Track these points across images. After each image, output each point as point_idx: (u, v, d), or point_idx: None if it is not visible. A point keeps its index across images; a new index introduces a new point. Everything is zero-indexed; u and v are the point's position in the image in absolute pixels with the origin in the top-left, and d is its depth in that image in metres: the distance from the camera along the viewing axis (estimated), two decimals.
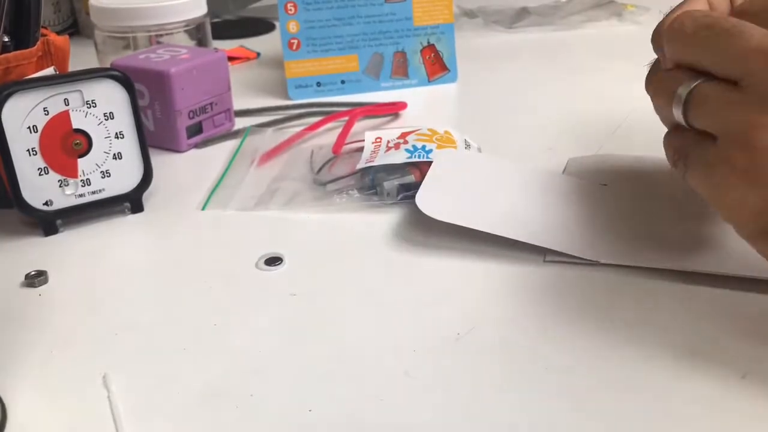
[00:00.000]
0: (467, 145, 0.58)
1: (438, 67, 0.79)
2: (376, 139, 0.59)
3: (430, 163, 0.54)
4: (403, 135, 0.58)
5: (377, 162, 0.55)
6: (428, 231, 0.49)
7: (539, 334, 0.39)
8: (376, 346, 0.39)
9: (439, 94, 0.79)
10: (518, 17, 1.02)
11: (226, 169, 0.60)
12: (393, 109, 0.70)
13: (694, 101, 0.37)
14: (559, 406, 0.34)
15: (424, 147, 0.55)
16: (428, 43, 0.79)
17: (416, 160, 0.54)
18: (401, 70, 0.79)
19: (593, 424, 0.33)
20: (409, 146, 0.56)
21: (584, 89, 0.77)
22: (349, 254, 0.48)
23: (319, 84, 0.78)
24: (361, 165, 0.55)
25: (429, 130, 0.58)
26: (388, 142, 0.58)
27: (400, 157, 0.54)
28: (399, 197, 0.53)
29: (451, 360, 0.38)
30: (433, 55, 0.79)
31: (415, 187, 0.52)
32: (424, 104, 0.75)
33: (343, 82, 0.78)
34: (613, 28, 1.00)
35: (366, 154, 0.57)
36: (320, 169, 0.58)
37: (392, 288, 0.44)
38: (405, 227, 0.51)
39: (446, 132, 0.59)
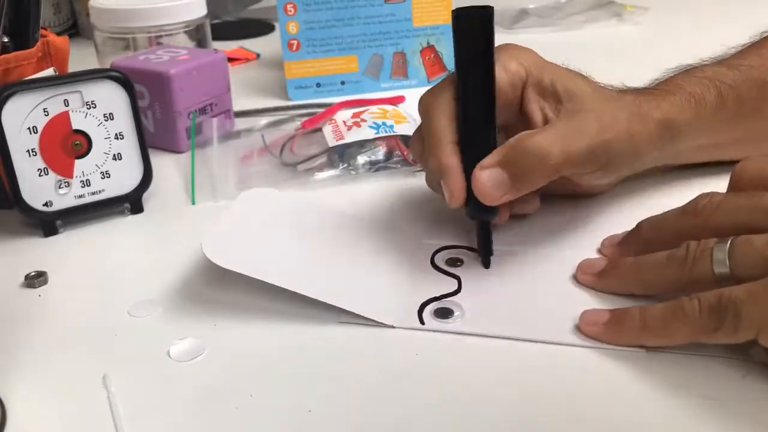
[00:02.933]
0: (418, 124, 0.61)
1: (438, 67, 0.79)
2: (331, 120, 0.62)
3: (395, 136, 0.59)
4: (356, 114, 0.62)
5: (348, 140, 0.58)
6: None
7: None
8: (376, 345, 0.39)
9: None
10: (518, 18, 1.02)
11: (192, 161, 0.61)
12: (391, 102, 0.70)
13: (739, 250, 0.36)
14: None
15: (384, 123, 0.60)
16: (428, 43, 0.79)
17: (384, 135, 0.59)
18: (401, 71, 0.79)
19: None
20: (370, 123, 0.60)
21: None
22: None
23: (318, 85, 0.78)
24: (332, 144, 0.59)
25: (379, 108, 0.63)
26: (344, 122, 0.61)
27: (368, 133, 0.59)
28: (371, 169, 0.58)
29: (451, 360, 0.38)
30: (432, 55, 0.79)
31: (385, 158, 0.58)
32: None
33: (343, 82, 0.78)
34: (612, 28, 1.00)
35: (329, 134, 0.60)
36: (281, 151, 0.61)
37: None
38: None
39: (395, 110, 0.63)
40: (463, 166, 0.44)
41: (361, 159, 0.58)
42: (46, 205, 0.51)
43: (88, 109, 0.51)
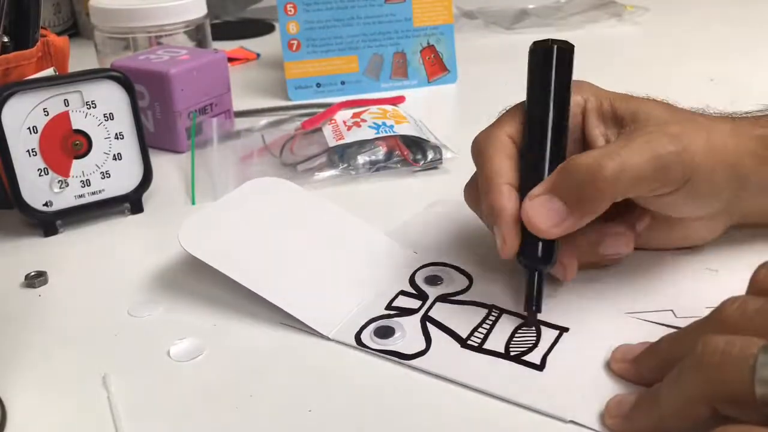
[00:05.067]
0: (418, 124, 0.62)
1: (438, 67, 0.79)
2: (331, 120, 0.62)
3: (395, 136, 0.59)
4: (356, 114, 0.62)
5: (348, 140, 0.58)
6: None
7: None
8: None
9: (438, 94, 0.79)
10: (518, 18, 1.02)
11: (192, 161, 0.61)
12: (391, 101, 0.70)
13: None
14: None
15: (384, 123, 0.60)
16: (428, 43, 0.79)
17: (384, 135, 0.59)
18: (401, 71, 0.79)
19: None
20: (370, 123, 0.59)
21: None
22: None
23: (318, 85, 0.78)
24: (332, 144, 0.58)
25: (379, 108, 0.63)
26: (344, 122, 0.61)
27: (368, 133, 0.59)
28: (371, 169, 0.58)
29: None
30: (432, 55, 0.79)
31: (385, 158, 0.58)
32: (423, 105, 0.75)
33: (343, 83, 0.78)
34: (613, 28, 1.00)
35: (329, 134, 0.60)
36: (281, 151, 0.61)
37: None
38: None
39: (395, 110, 0.63)
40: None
41: (361, 159, 0.58)
42: (46, 205, 0.51)
43: (88, 109, 0.51)
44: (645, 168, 0.37)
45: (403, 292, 0.43)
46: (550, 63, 0.42)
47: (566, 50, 0.42)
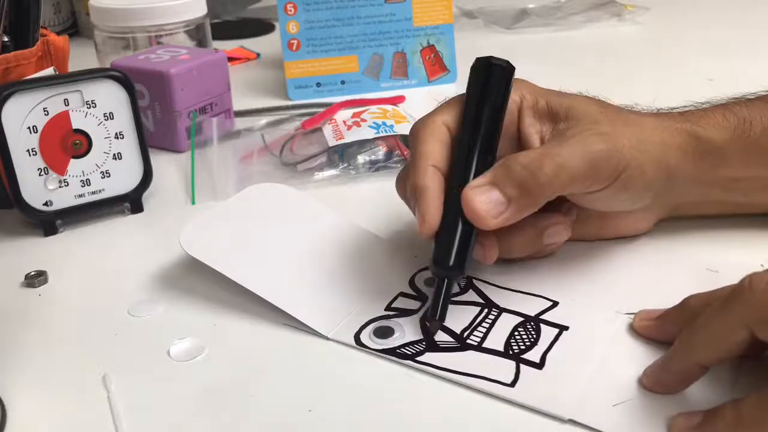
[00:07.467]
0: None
1: (438, 67, 0.79)
2: (331, 120, 0.62)
3: (395, 136, 0.59)
4: (356, 114, 0.62)
5: (348, 139, 0.58)
6: None
7: None
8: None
9: (438, 94, 0.78)
10: (518, 18, 1.02)
11: (192, 161, 0.61)
12: (391, 101, 0.70)
13: None
14: None
15: (384, 123, 0.60)
16: (428, 43, 0.79)
17: (384, 135, 0.59)
18: (401, 71, 0.79)
19: None
20: (370, 123, 0.60)
21: (584, 90, 0.77)
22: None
23: (318, 84, 0.78)
24: (332, 143, 0.59)
25: (379, 108, 0.63)
26: (344, 122, 0.61)
27: (368, 133, 0.59)
28: (371, 169, 0.58)
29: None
30: (432, 55, 0.79)
31: (385, 157, 0.59)
32: (423, 105, 0.75)
33: (342, 82, 0.78)
34: (613, 28, 1.00)
35: (329, 134, 0.60)
36: (282, 151, 0.61)
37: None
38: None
39: (395, 110, 0.63)
40: (448, 195, 0.40)
41: (361, 159, 0.58)
42: (46, 204, 0.51)
43: (88, 108, 0.51)
44: (580, 167, 0.39)
45: (402, 294, 0.43)
46: (487, 79, 0.44)
47: (506, 70, 0.44)
